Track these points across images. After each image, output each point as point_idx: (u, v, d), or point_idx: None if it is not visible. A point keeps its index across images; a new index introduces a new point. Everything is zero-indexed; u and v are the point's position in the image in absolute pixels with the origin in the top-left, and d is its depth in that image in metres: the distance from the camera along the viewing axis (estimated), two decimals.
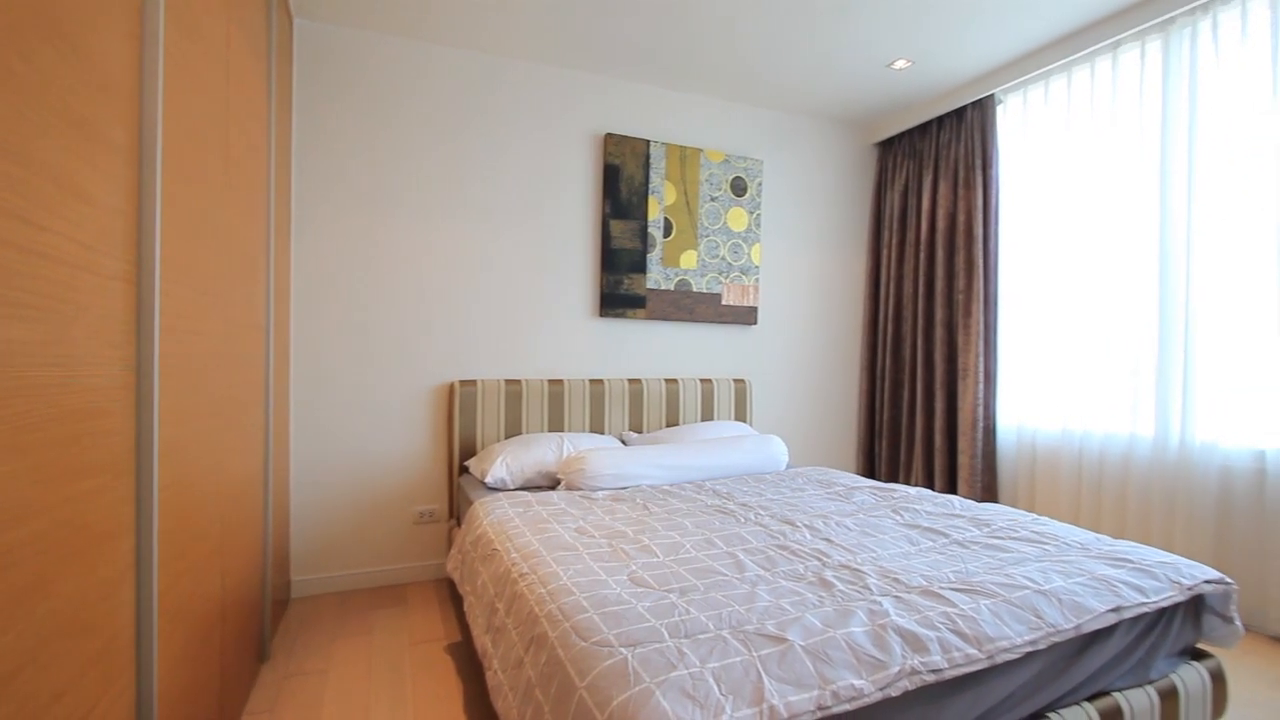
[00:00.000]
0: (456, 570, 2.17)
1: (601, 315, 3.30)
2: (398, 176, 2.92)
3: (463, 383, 2.96)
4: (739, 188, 3.60)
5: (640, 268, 3.35)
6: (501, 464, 2.63)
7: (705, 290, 3.53)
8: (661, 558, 1.66)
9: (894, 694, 1.11)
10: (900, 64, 3.19)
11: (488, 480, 2.59)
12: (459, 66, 3.02)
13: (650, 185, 3.36)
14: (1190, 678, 1.53)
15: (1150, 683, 1.48)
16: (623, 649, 1.15)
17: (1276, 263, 2.35)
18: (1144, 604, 1.44)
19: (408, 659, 2.21)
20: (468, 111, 3.04)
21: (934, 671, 1.15)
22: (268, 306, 2.15)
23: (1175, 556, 1.66)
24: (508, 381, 3.05)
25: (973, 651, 1.20)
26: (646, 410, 3.34)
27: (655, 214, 3.37)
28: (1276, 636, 2.37)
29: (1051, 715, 1.34)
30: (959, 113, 3.52)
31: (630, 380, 3.32)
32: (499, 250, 3.12)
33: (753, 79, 3.36)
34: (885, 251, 3.99)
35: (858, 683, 1.08)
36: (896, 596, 1.38)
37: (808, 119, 3.92)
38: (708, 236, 3.52)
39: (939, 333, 3.57)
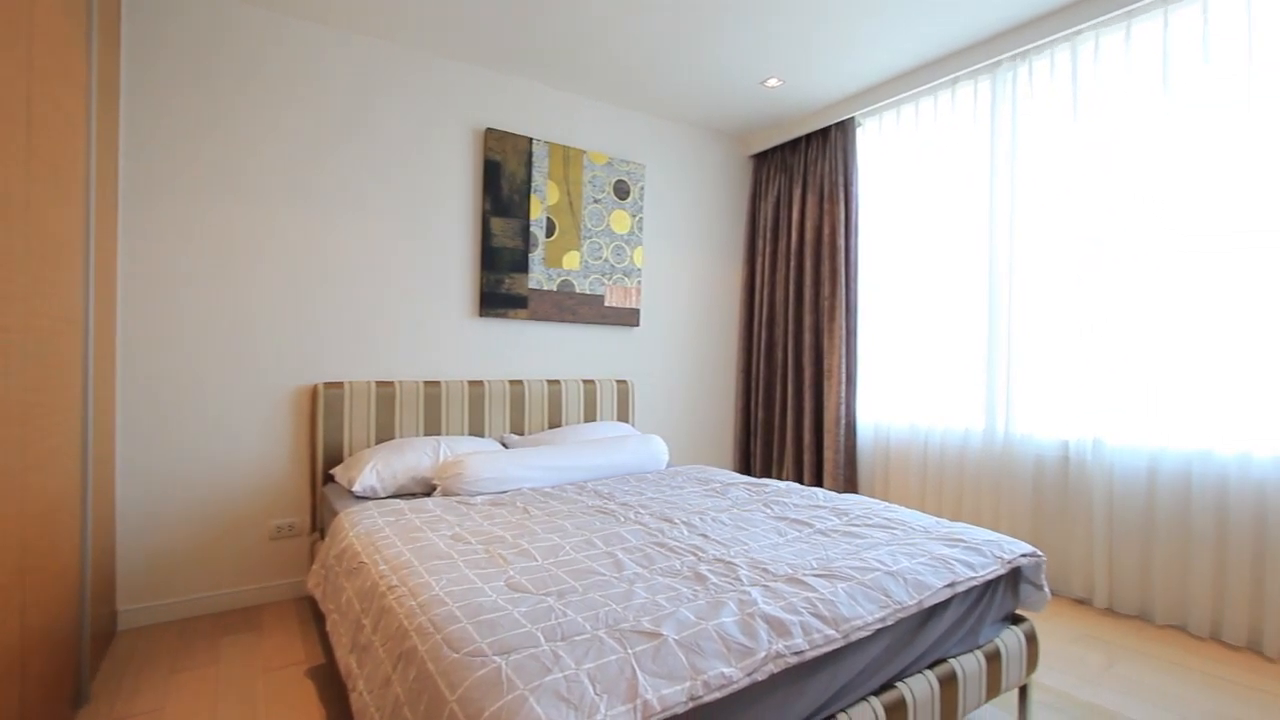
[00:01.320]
0: (319, 587, 2.02)
1: (482, 315, 3.20)
2: (256, 160, 2.66)
3: (328, 385, 2.76)
4: (622, 191, 3.64)
5: (522, 267, 3.29)
6: (371, 471, 2.47)
7: (588, 292, 3.53)
8: (540, 561, 1.64)
9: (760, 678, 1.17)
10: (773, 82, 3.37)
11: (355, 489, 2.43)
12: (328, 46, 2.81)
13: (533, 184, 3.31)
14: (1010, 640, 1.74)
15: (979, 648, 1.67)
16: (496, 657, 1.12)
17: (1076, 277, 2.73)
18: (974, 578, 1.62)
19: (261, 688, 2.02)
20: (337, 94, 2.83)
21: (796, 654, 1.23)
22: (86, 299, 1.88)
23: (999, 535, 1.88)
24: (379, 383, 2.88)
25: (831, 632, 1.29)
26: (528, 412, 3.28)
27: (538, 213, 3.33)
28: (1077, 598, 2.75)
29: (899, 684, 1.46)
30: (825, 132, 3.79)
31: (512, 381, 3.25)
32: (371, 244, 2.93)
33: (636, 84, 3.42)
34: (760, 259, 4.20)
35: (727, 670, 1.13)
36: (765, 586, 1.46)
37: (689, 127, 4.05)
38: (591, 238, 3.53)
39: (807, 337, 3.82)
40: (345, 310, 2.88)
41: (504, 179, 3.22)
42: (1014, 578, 1.83)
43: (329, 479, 2.74)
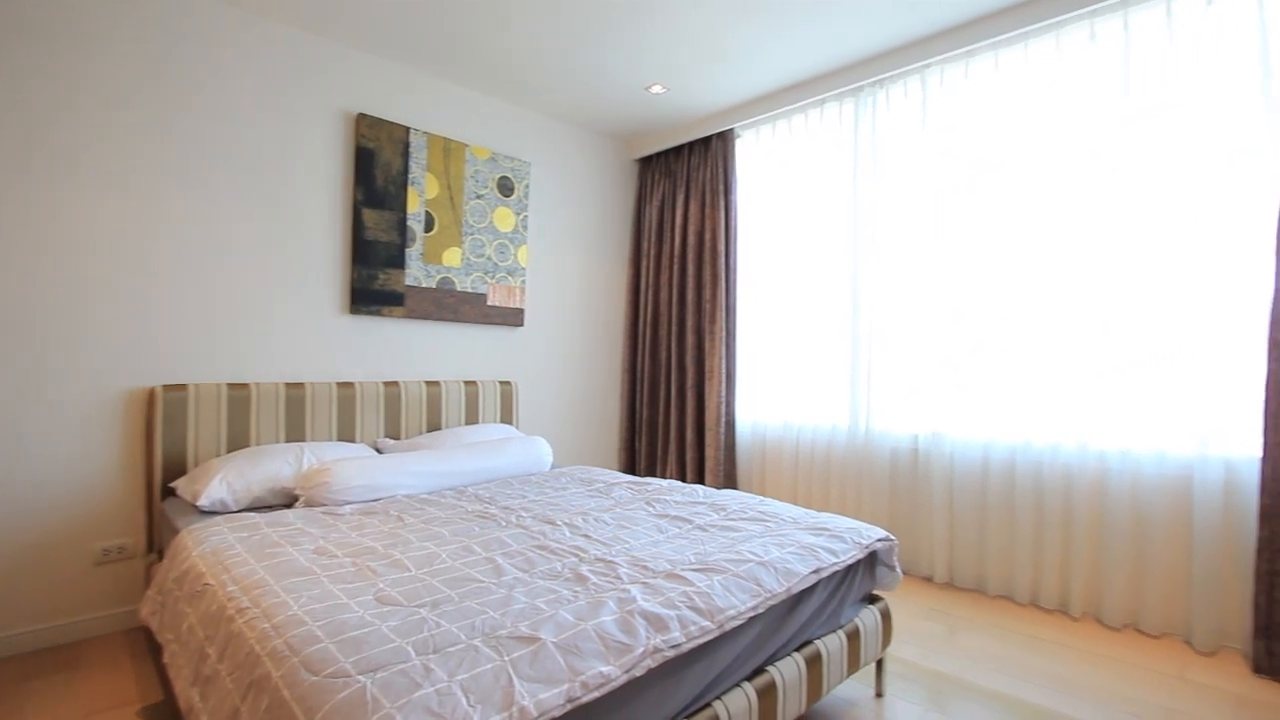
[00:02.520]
0: (154, 615, 1.80)
1: (353, 312, 3.00)
2: (81, 135, 2.32)
3: (169, 387, 2.46)
4: (506, 187, 3.56)
5: (398, 263, 3.12)
6: (220, 482, 2.24)
7: (470, 290, 3.42)
8: (414, 571, 1.56)
9: (639, 674, 1.18)
10: (656, 88, 3.45)
11: (201, 503, 2.19)
12: (173, 9, 2.51)
13: (410, 175, 3.15)
14: (867, 619, 1.89)
15: (841, 628, 1.80)
16: (361, 677, 1.05)
17: (921, 285, 3.03)
18: (836, 564, 1.75)
19: None
20: (182, 65, 2.53)
21: (674, 647, 1.26)
22: None
23: (859, 522, 2.04)
24: (232, 386, 2.62)
25: (706, 624, 1.34)
26: (405, 415, 3.12)
27: (416, 206, 3.18)
28: (924, 576, 3.05)
29: (769, 668, 1.54)
30: (706, 141, 3.93)
31: (386, 383, 3.08)
32: (219, 231, 2.66)
33: (522, 81, 3.36)
34: (645, 261, 4.27)
35: (605, 669, 1.13)
36: (644, 583, 1.48)
37: (575, 128, 4.04)
38: (473, 234, 3.42)
39: (690, 338, 3.93)
40: (190, 304, 2.58)
41: (378, 169, 3.04)
42: (871, 561, 1.99)
43: (169, 493, 2.45)
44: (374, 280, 3.04)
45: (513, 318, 3.63)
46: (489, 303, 3.51)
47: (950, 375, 2.94)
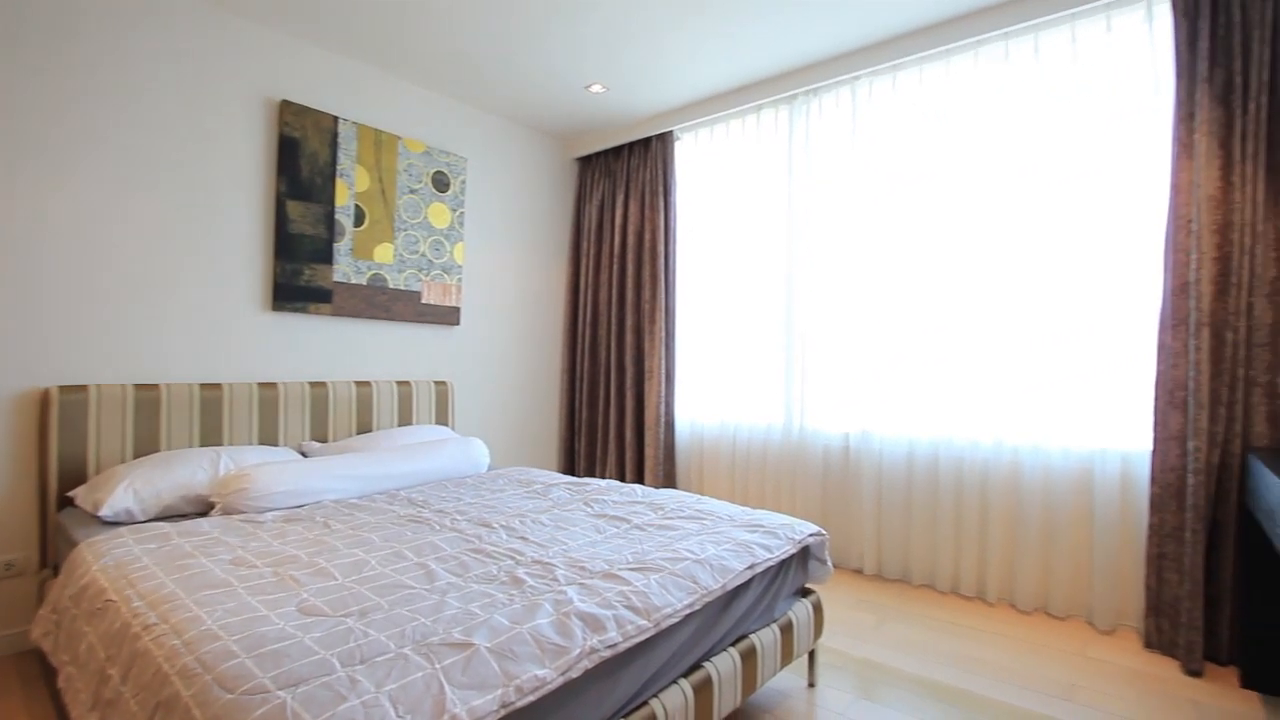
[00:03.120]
0: (48, 636, 1.66)
1: (276, 309, 2.86)
2: None
3: (66, 389, 2.27)
4: (441, 183, 3.47)
5: (325, 257, 2.99)
6: (126, 490, 2.08)
7: (403, 287, 3.31)
8: (341, 579, 1.50)
9: (575, 675, 1.18)
10: (596, 88, 3.44)
11: (104, 513, 2.03)
12: None
13: (339, 167, 3.03)
14: (800, 612, 1.95)
15: (774, 621, 1.84)
16: (280, 692, 1.00)
17: (850, 288, 3.14)
18: (770, 559, 1.79)
19: None
20: (82, 41, 2.34)
21: (610, 647, 1.25)
22: None
23: (792, 518, 2.09)
24: (140, 387, 2.44)
25: (643, 623, 1.34)
26: (333, 417, 2.99)
27: (344, 199, 3.05)
28: (854, 568, 3.16)
29: (705, 664, 1.56)
30: (646, 142, 3.95)
31: (313, 384, 2.94)
32: (126, 221, 2.47)
33: (459, 75, 3.28)
34: (584, 261, 4.26)
35: (540, 672, 1.12)
36: (581, 584, 1.47)
37: (514, 125, 3.97)
38: (407, 230, 3.32)
39: (629, 338, 3.94)
40: (89, 298, 2.39)
41: (304, 159, 2.91)
42: (804, 555, 2.04)
43: (67, 503, 2.26)
44: (299, 276, 2.91)
45: (448, 316, 3.54)
46: (423, 301, 3.41)
47: (879, 376, 3.06)
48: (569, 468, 4.33)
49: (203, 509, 2.23)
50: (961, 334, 2.84)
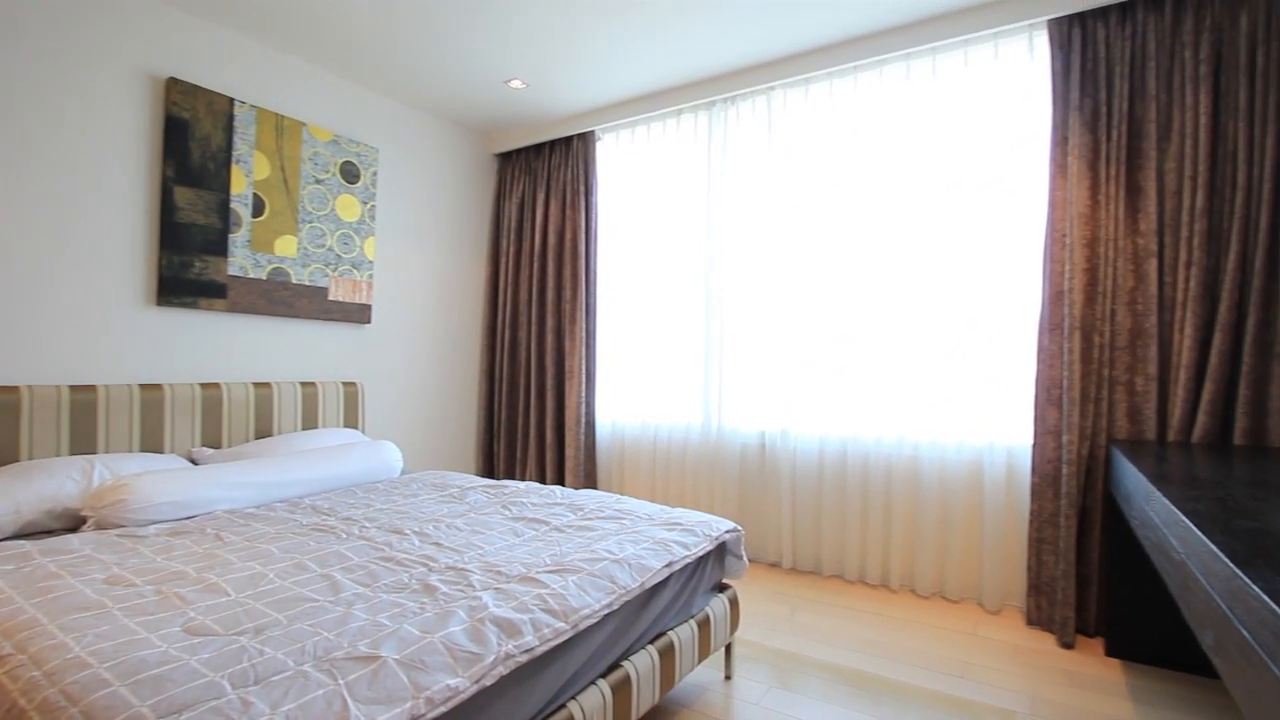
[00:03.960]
0: None
1: (162, 304, 2.63)
2: None
3: None
4: (351, 174, 3.31)
5: (219, 249, 2.78)
6: None
7: (308, 283, 3.13)
8: (234, 595, 1.40)
9: (490, 683, 1.15)
10: (516, 83, 3.38)
11: None
12: None
13: (235, 152, 2.82)
14: (717, 607, 1.99)
15: (692, 617, 1.87)
16: None
17: (767, 289, 3.24)
18: (688, 556, 1.81)
19: None
20: None
21: (527, 651, 1.23)
22: None
23: (710, 515, 2.14)
24: None
25: (560, 625, 1.33)
26: (228, 421, 2.78)
27: (242, 187, 2.85)
28: (771, 562, 3.26)
29: (624, 663, 1.56)
30: (567, 141, 3.92)
31: (205, 385, 2.72)
32: None
33: (372, 61, 3.13)
34: (504, 259, 4.17)
35: (453, 681, 1.09)
36: (497, 588, 1.44)
37: (431, 117, 3.84)
38: (312, 222, 3.13)
39: (550, 338, 3.90)
40: None
41: (194, 142, 2.69)
42: (721, 552, 2.09)
43: None
44: (189, 268, 2.69)
45: (359, 314, 3.38)
46: (331, 297, 3.23)
47: (793, 376, 3.17)
48: (488, 470, 4.23)
49: (73, 524, 2.02)
50: (868, 336, 3.00)
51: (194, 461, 2.56)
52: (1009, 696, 2.00)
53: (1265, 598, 0.72)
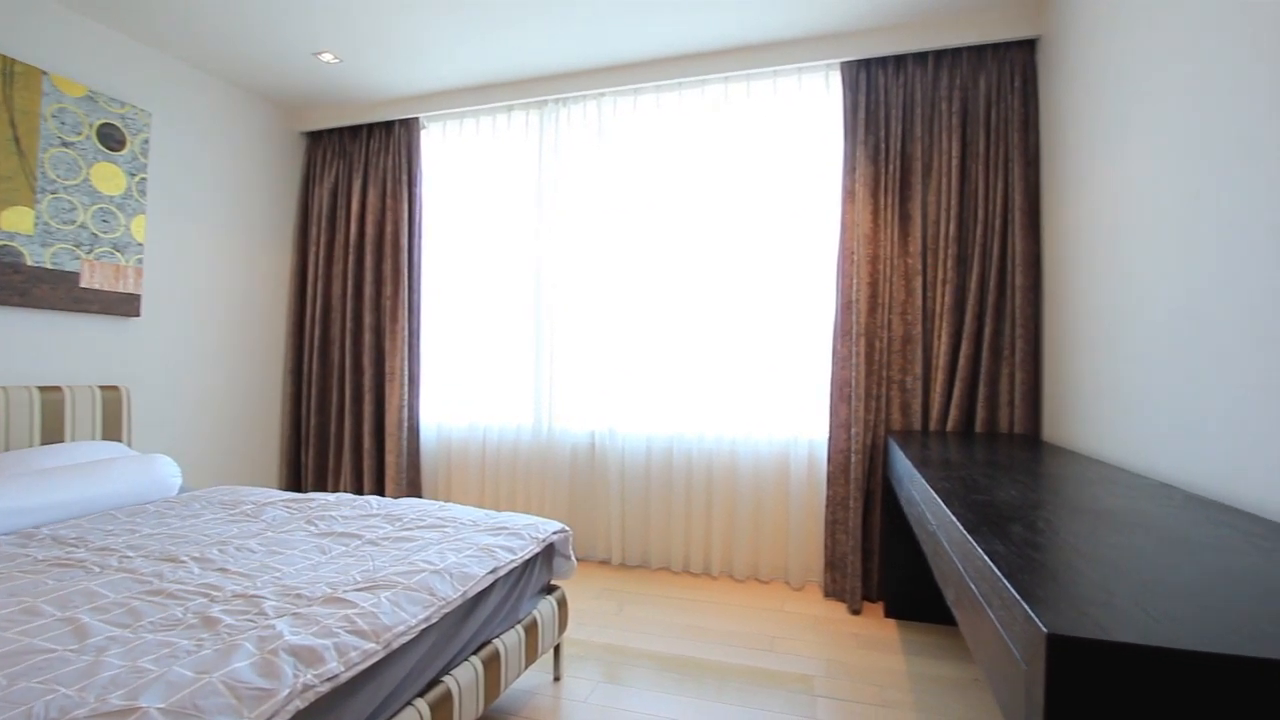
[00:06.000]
0: None
1: None
2: None
3: None
4: (112, 138, 2.79)
5: None
6: None
7: (51, 266, 2.59)
8: None
9: None
10: (327, 57, 3.09)
11: None
12: None
13: None
14: (545, 609, 1.97)
15: (519, 622, 1.84)
16: None
17: (594, 291, 3.30)
18: (514, 561, 1.78)
19: None
20: None
21: (329, 679, 1.12)
22: None
23: (537, 518, 2.11)
24: None
25: (370, 646, 1.23)
26: None
27: None
28: (601, 560, 3.32)
29: (445, 678, 1.49)
30: (388, 126, 3.66)
31: None
32: None
33: (145, 8, 2.66)
34: (314, 249, 3.79)
35: None
36: (295, 613, 1.29)
37: (222, 82, 3.37)
38: (56, 193, 2.59)
39: (368, 337, 3.61)
40: None
41: None
42: (549, 553, 2.08)
43: None
44: None
45: (122, 305, 2.86)
46: (83, 284, 2.70)
47: (622, 376, 3.26)
48: (294, 483, 3.81)
49: None
50: (689, 339, 3.17)
51: None
52: (809, 663, 2.23)
53: (984, 556, 0.87)
